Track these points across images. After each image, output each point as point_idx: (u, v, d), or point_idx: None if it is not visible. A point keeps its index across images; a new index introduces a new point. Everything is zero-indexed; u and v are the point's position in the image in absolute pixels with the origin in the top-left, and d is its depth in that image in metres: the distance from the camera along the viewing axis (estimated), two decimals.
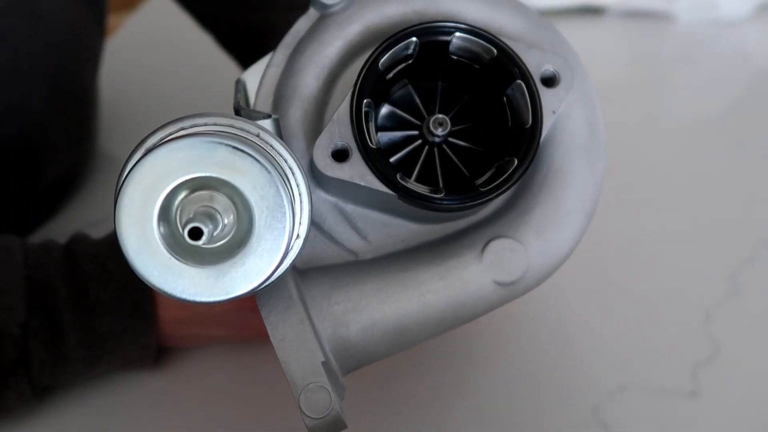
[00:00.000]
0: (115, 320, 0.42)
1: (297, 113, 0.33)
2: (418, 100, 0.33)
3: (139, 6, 0.88)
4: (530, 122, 0.30)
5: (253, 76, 0.34)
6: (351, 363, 0.32)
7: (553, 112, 0.31)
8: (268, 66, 0.34)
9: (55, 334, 0.40)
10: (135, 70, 0.73)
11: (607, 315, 0.49)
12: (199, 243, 0.23)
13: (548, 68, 0.31)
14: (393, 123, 0.33)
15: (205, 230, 0.23)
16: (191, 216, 0.23)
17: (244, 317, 0.44)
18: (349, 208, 0.33)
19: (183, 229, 0.23)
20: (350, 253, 0.33)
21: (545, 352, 0.48)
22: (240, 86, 0.34)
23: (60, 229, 0.45)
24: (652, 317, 0.49)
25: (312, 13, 0.34)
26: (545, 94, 0.31)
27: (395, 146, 0.33)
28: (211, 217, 0.24)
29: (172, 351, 0.48)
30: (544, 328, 0.49)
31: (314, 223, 0.33)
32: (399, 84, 0.33)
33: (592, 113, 0.34)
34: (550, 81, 0.31)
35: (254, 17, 0.58)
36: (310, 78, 0.33)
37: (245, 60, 0.59)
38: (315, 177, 0.32)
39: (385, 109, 0.33)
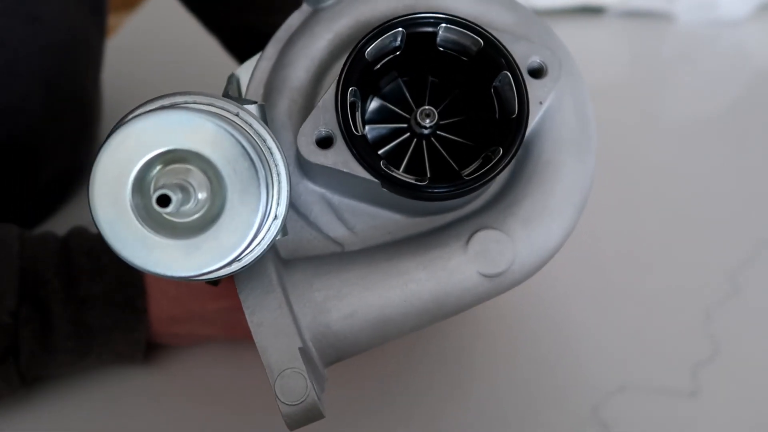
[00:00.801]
0: (106, 314, 0.42)
1: (286, 104, 0.33)
2: (407, 93, 0.34)
3: (139, 6, 0.88)
4: (516, 112, 0.30)
5: (246, 72, 0.35)
6: (332, 353, 0.32)
7: (540, 103, 0.31)
8: (259, 59, 0.34)
9: (45, 325, 0.41)
10: (135, 70, 0.73)
11: (606, 315, 0.49)
12: (167, 210, 0.23)
13: (535, 59, 0.31)
14: (383, 117, 0.33)
15: (174, 198, 0.23)
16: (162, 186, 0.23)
17: (235, 317, 0.44)
18: (336, 199, 0.33)
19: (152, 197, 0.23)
20: (336, 244, 0.33)
21: (545, 352, 0.48)
22: (233, 81, 0.34)
23: (59, 229, 0.46)
24: (652, 317, 0.49)
25: (305, 9, 0.35)
26: (532, 85, 0.31)
27: (384, 139, 0.33)
28: (183, 189, 0.24)
29: (166, 349, 0.48)
30: (544, 328, 0.49)
31: (300, 214, 0.33)
32: (389, 78, 0.33)
33: (582, 108, 0.34)
34: (537, 72, 0.31)
35: (258, 20, 0.58)
36: (299, 70, 0.33)
37: None
38: (302, 167, 0.32)
39: (375, 104, 0.34)
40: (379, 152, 0.32)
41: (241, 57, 0.62)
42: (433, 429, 0.44)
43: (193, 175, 0.24)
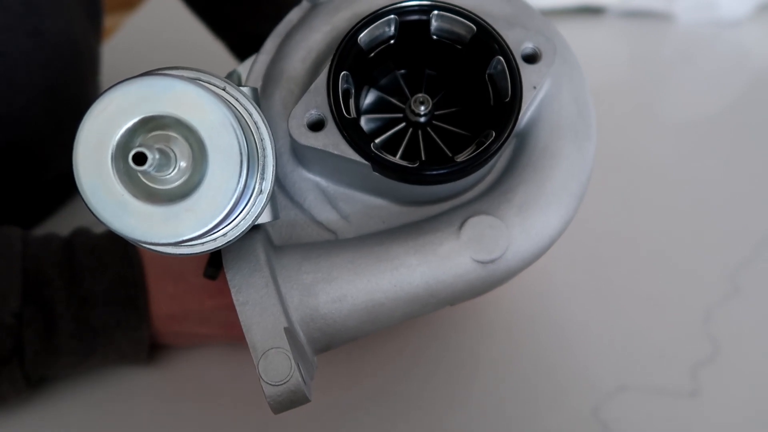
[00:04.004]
0: (108, 313, 0.42)
1: (282, 94, 0.33)
2: (402, 83, 0.34)
3: (139, 6, 0.88)
4: (510, 96, 0.30)
5: (247, 68, 0.35)
6: (320, 338, 0.31)
7: (534, 88, 0.31)
8: (258, 53, 0.35)
9: (49, 325, 0.41)
10: (135, 70, 0.73)
11: (606, 315, 0.49)
12: (143, 168, 0.23)
13: (529, 45, 0.31)
14: (379, 108, 0.34)
15: (149, 156, 0.23)
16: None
17: (234, 315, 0.44)
18: (331, 187, 0.33)
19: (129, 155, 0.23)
20: (330, 232, 0.32)
21: (545, 353, 0.47)
22: (234, 76, 0.35)
23: (59, 231, 0.46)
24: (652, 317, 0.49)
25: (305, 5, 0.35)
26: (526, 70, 0.31)
27: (381, 130, 0.33)
28: (163, 152, 0.24)
29: (168, 350, 0.48)
30: (544, 328, 0.49)
31: (295, 202, 0.33)
32: (385, 70, 0.33)
33: (579, 96, 0.34)
34: (531, 58, 0.31)
35: (266, 27, 0.58)
36: (296, 61, 0.33)
37: None
38: (297, 155, 0.32)
39: (372, 96, 0.34)
40: (375, 141, 0.32)
41: None
42: (434, 429, 0.44)
43: (176, 142, 0.24)
